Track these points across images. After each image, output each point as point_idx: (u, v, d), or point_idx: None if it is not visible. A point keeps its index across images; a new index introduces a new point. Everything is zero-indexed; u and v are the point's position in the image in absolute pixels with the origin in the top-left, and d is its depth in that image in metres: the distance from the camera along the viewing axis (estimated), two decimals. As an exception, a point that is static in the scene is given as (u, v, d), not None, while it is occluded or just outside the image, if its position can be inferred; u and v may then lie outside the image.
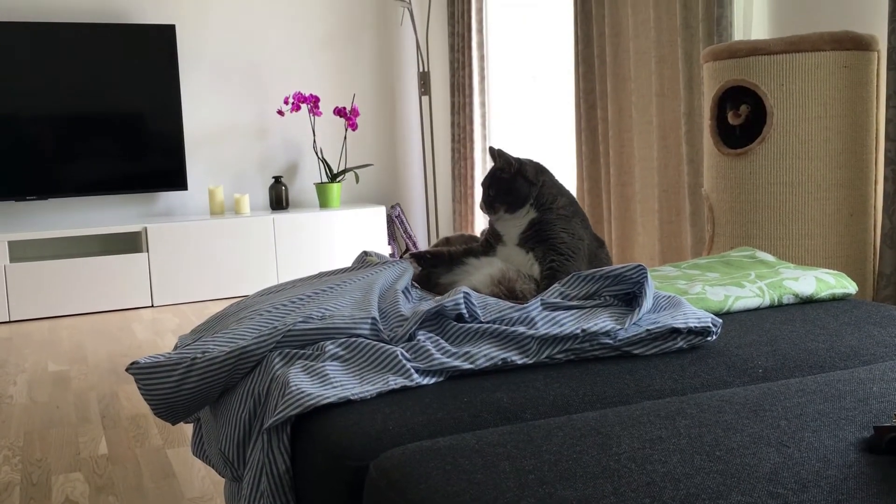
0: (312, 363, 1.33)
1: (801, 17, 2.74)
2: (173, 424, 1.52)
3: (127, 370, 1.45)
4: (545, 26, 4.30)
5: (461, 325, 1.44)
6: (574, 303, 1.50)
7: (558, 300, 1.50)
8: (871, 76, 2.42)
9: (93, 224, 4.55)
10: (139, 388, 1.44)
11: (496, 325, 1.41)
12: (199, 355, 1.41)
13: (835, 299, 1.80)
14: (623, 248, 3.60)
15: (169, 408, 1.43)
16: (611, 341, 1.38)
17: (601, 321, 1.40)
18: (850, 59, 2.36)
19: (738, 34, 2.92)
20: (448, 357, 1.33)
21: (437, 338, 1.40)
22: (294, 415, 1.19)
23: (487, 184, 1.83)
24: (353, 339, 1.40)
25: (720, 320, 1.46)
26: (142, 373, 1.43)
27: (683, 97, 3.06)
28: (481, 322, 1.45)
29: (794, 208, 2.40)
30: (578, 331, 1.36)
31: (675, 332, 1.41)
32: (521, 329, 1.38)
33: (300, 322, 1.44)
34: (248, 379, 1.39)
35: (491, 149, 1.85)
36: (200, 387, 1.40)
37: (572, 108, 4.08)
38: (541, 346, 1.36)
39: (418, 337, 1.39)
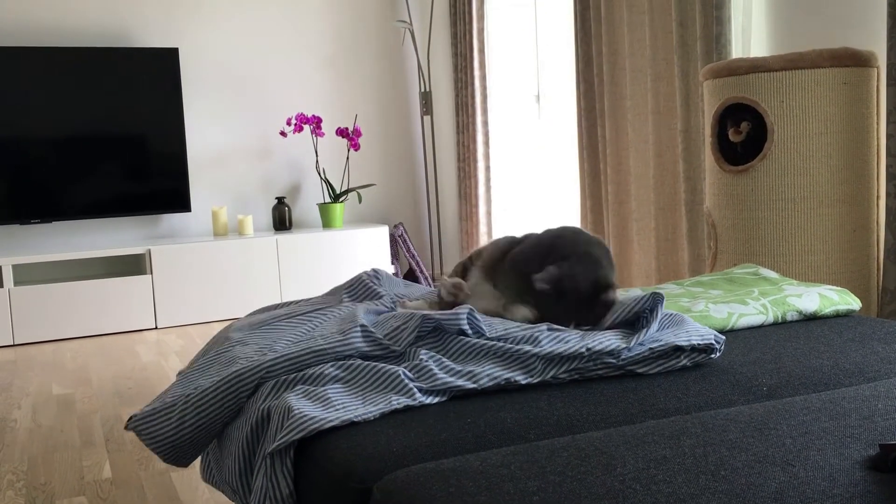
0: (313, 387, 1.33)
1: (799, 35, 2.75)
2: (185, 466, 1.51)
3: (126, 428, 1.45)
4: (548, 45, 4.32)
5: (464, 340, 1.44)
6: None
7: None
8: (871, 92, 2.43)
9: (96, 246, 4.56)
10: (142, 439, 1.43)
11: (500, 343, 1.41)
12: (191, 391, 1.41)
13: (839, 316, 1.79)
14: (621, 267, 3.60)
15: (174, 449, 1.43)
16: (614, 360, 1.38)
17: (606, 340, 1.40)
18: (849, 75, 2.37)
19: (737, 52, 2.93)
20: (452, 376, 1.32)
21: (440, 357, 1.40)
22: (297, 439, 1.19)
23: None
24: (353, 360, 1.40)
25: (723, 337, 1.46)
26: (141, 423, 1.42)
27: (680, 115, 3.07)
28: (487, 339, 1.45)
29: (797, 224, 2.40)
30: (583, 349, 1.36)
31: (678, 349, 1.41)
32: (527, 347, 1.38)
33: (290, 347, 1.44)
34: (247, 408, 1.39)
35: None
36: (201, 421, 1.39)
37: (575, 126, 4.09)
38: (545, 365, 1.36)
39: (421, 356, 1.39)
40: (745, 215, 2.48)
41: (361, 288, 1.82)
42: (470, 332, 1.46)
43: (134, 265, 4.68)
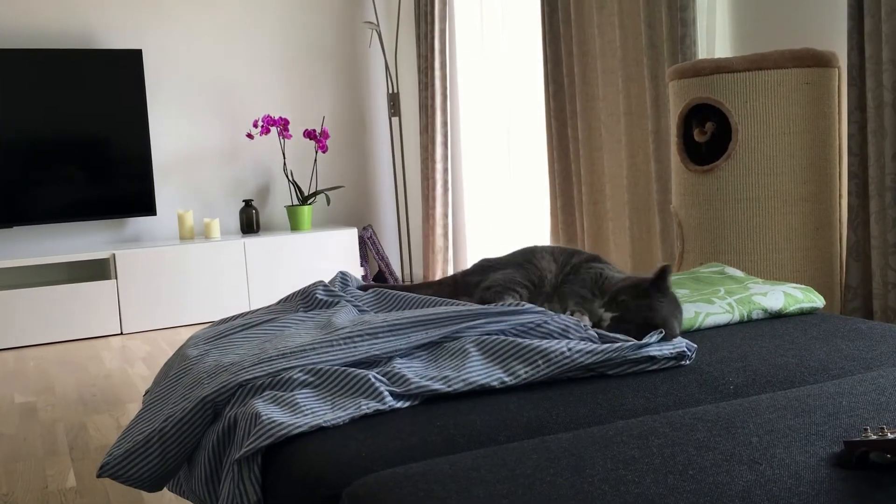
0: (281, 393, 1.31)
1: (762, 36, 2.79)
2: (161, 489, 1.49)
3: (100, 476, 1.41)
4: (515, 46, 4.33)
5: (456, 341, 1.44)
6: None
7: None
8: (833, 92, 2.47)
9: (60, 251, 4.49)
10: (122, 482, 1.39)
11: (496, 337, 1.42)
12: (163, 424, 1.38)
13: (803, 313, 1.81)
14: (595, 266, 3.61)
15: (160, 480, 1.41)
16: (588, 362, 1.39)
17: (590, 346, 1.41)
18: (811, 75, 2.41)
19: (702, 53, 2.96)
20: (425, 381, 1.32)
21: (413, 364, 1.39)
22: (265, 445, 1.18)
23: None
24: (322, 366, 1.38)
25: (695, 346, 1.47)
26: (118, 467, 1.39)
27: (651, 115, 3.10)
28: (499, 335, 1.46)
29: (761, 223, 2.43)
30: (572, 356, 1.37)
31: (651, 359, 1.42)
32: (535, 343, 1.39)
33: (261, 362, 1.41)
34: (221, 415, 1.37)
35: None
36: (184, 448, 1.37)
37: (543, 126, 4.11)
38: (529, 367, 1.35)
39: (395, 363, 1.38)
40: (711, 214, 2.50)
41: (313, 300, 1.80)
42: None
43: (98, 270, 4.61)
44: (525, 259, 1.78)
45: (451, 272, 4.91)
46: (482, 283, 1.73)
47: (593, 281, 1.65)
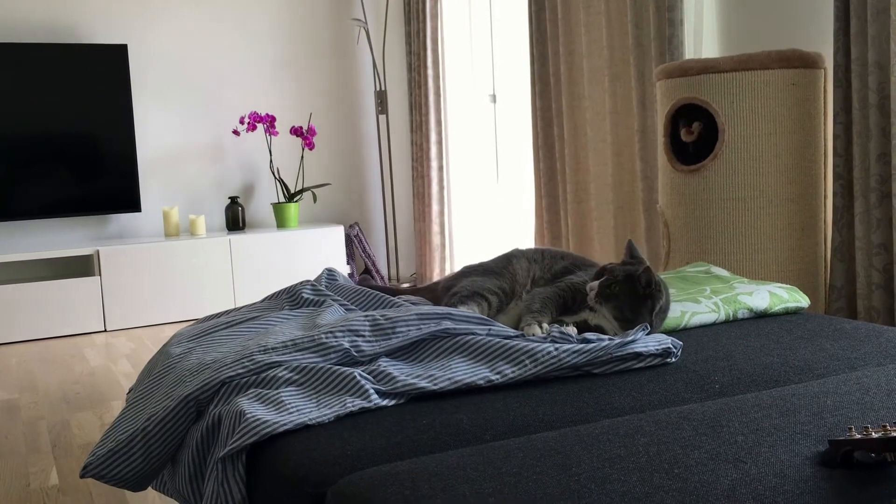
0: (266, 391, 1.30)
1: (749, 36, 2.80)
2: (145, 489, 1.47)
3: (83, 476, 1.40)
4: (503, 45, 4.33)
5: (443, 340, 1.44)
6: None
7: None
8: (819, 93, 2.48)
9: (43, 248, 4.45)
10: (106, 482, 1.38)
11: (481, 338, 1.41)
12: (146, 423, 1.37)
13: (788, 313, 1.82)
14: (581, 265, 3.61)
15: (144, 479, 1.40)
16: (575, 362, 1.39)
17: (576, 346, 1.41)
18: (797, 76, 2.42)
19: (690, 53, 2.97)
20: (412, 379, 1.31)
21: (399, 363, 1.39)
22: (250, 443, 1.17)
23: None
24: (307, 364, 1.38)
25: (680, 343, 1.48)
26: (101, 467, 1.38)
27: (637, 114, 3.10)
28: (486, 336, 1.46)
29: (747, 223, 2.44)
30: (558, 356, 1.37)
31: (637, 355, 1.42)
32: (521, 343, 1.39)
33: (243, 358, 1.40)
34: (204, 413, 1.36)
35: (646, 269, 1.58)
36: (168, 447, 1.36)
37: (530, 125, 4.11)
38: (515, 367, 1.35)
39: (380, 362, 1.38)
40: (697, 214, 2.51)
41: (300, 299, 1.79)
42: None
43: (82, 266, 4.58)
44: (502, 265, 1.77)
45: (447, 270, 4.92)
46: (451, 288, 1.72)
47: (560, 293, 1.67)
